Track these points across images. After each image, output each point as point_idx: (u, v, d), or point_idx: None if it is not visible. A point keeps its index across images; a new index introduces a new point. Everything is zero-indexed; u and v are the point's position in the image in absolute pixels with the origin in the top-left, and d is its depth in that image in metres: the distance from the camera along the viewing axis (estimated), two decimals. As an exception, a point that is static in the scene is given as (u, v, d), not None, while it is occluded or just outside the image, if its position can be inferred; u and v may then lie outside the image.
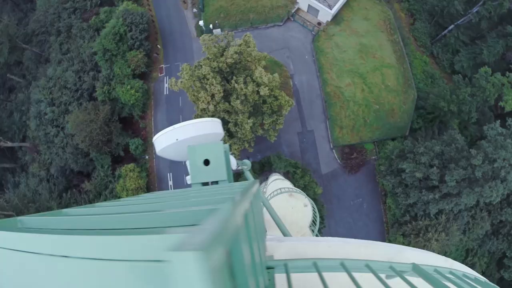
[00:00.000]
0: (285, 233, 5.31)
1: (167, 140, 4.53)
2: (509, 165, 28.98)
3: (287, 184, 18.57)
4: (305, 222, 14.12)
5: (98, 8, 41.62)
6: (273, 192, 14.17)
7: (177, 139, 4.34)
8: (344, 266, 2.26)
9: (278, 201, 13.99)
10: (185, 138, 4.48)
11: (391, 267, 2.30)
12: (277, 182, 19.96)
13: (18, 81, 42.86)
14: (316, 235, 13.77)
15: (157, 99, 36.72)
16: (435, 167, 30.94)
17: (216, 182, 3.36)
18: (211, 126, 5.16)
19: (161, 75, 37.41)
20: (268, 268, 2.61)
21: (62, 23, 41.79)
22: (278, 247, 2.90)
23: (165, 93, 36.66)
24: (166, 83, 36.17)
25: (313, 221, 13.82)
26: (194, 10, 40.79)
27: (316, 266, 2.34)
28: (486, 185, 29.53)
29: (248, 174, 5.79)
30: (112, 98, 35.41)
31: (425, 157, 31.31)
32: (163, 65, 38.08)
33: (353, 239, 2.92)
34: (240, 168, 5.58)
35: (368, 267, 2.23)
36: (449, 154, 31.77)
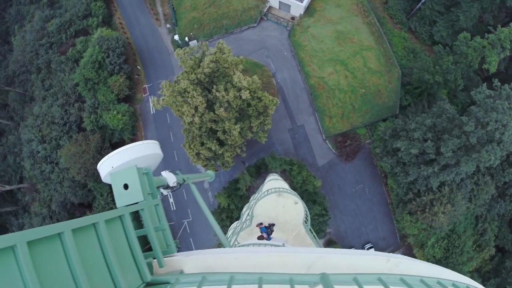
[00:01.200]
0: (224, 244, 5.41)
1: (106, 168, 4.67)
2: (502, 126, 28.68)
3: (281, 183, 18.56)
4: (298, 220, 14.10)
5: (73, 39, 41.86)
6: (261, 194, 14.18)
7: (112, 167, 4.47)
8: (233, 279, 2.29)
9: (267, 203, 13.98)
10: (122, 163, 4.60)
11: (291, 279, 2.31)
12: (271, 182, 19.98)
13: (7, 124, 43.08)
14: (310, 230, 13.77)
15: (145, 120, 36.84)
16: (429, 141, 30.82)
17: (137, 203, 3.54)
18: (146, 149, 5.30)
19: (145, 95, 37.54)
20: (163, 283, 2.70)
21: (41, 59, 42.06)
22: (186, 262, 2.93)
23: (152, 112, 36.78)
24: (151, 102, 36.32)
25: (305, 217, 13.83)
26: (168, 25, 40.96)
27: (204, 279, 2.38)
28: (483, 149, 29.26)
29: (193, 188, 5.85)
30: (101, 126, 35.54)
31: (418, 133, 31.22)
32: (145, 85, 38.23)
33: (266, 248, 2.93)
34: (180, 184, 5.66)
35: (261, 279, 2.23)
36: (441, 125, 31.68)
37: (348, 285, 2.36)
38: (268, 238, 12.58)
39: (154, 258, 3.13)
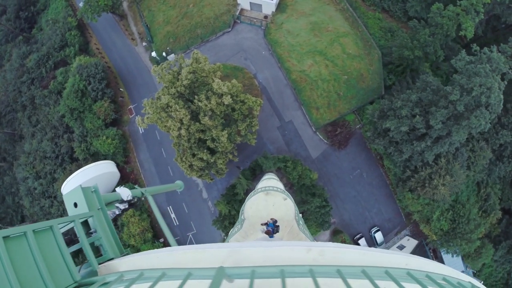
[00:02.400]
0: (172, 244, 5.70)
1: (64, 192, 5.19)
2: (487, 89, 28.59)
3: (272, 182, 18.65)
4: (290, 215, 14.17)
5: (53, 72, 41.98)
6: (250, 194, 14.25)
7: (65, 189, 5.09)
8: (142, 276, 2.45)
9: (257, 203, 14.05)
10: (80, 184, 4.96)
11: (189, 273, 2.38)
12: (263, 182, 20.09)
13: (0, 165, 43.12)
14: (301, 223, 13.83)
15: (135, 140, 36.92)
16: (417, 116, 30.89)
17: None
18: (99, 169, 5.95)
19: (132, 116, 37.62)
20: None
21: (24, 97, 42.16)
22: (120, 264, 3.28)
23: (141, 132, 36.86)
24: (136, 122, 36.46)
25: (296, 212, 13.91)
26: (144, 43, 41.10)
27: (141, 275, 2.62)
28: (472, 116, 29.21)
29: (151, 199, 6.10)
30: (93, 153, 35.61)
31: (405, 110, 31.31)
32: (131, 106, 38.31)
33: (186, 246, 3.02)
34: (139, 197, 5.94)
35: (164, 274, 2.33)
36: (427, 99, 31.73)
37: (272, 278, 2.33)
38: (271, 236, 12.63)
39: (104, 262, 3.66)
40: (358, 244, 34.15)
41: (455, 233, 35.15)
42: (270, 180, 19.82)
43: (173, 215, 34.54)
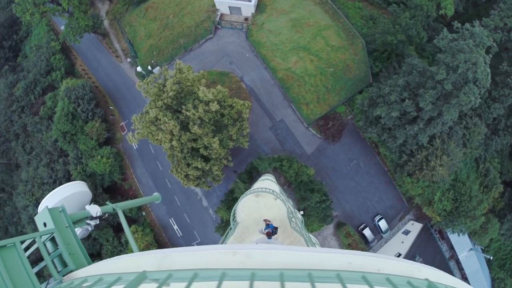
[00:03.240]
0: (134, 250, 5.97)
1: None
2: (473, 65, 28.52)
3: (266, 183, 18.68)
4: (282, 214, 14.20)
5: (42, 98, 42.05)
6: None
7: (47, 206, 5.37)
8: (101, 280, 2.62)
9: (249, 206, 14.08)
10: (54, 205, 5.50)
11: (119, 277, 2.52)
12: (257, 183, 20.12)
13: (0, 196, 43.18)
14: (294, 222, 13.83)
15: (130, 156, 36.97)
16: (407, 100, 30.91)
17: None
18: (69, 189, 6.48)
19: (124, 133, 37.66)
20: None
21: (16, 125, 42.23)
22: (81, 273, 3.70)
23: (135, 148, 36.89)
24: (127, 139, 36.59)
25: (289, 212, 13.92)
26: (129, 59, 41.19)
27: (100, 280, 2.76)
28: (461, 93, 29.13)
29: (121, 214, 6.30)
30: (89, 174, 35.64)
31: (394, 95, 31.35)
32: (122, 123, 38.37)
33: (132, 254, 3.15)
34: (110, 213, 6.19)
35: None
36: (415, 81, 31.73)
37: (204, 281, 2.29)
38: (269, 238, 12.65)
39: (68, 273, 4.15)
40: (363, 235, 34.11)
41: (459, 212, 35.12)
42: (263, 182, 19.85)
43: (175, 227, 34.55)
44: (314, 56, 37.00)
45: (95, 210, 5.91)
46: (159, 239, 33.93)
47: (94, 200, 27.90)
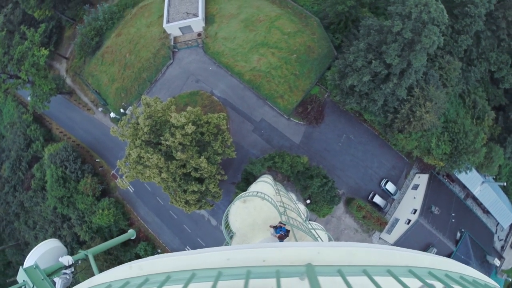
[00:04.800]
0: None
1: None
2: (424, 6, 28.45)
3: (257, 187, 18.75)
4: (273, 212, 14.22)
5: (30, 171, 42.19)
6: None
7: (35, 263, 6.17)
8: None
9: (239, 214, 14.11)
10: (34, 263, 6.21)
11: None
12: (251, 187, 20.27)
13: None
14: (286, 215, 13.88)
15: (130, 200, 37.02)
16: (373, 61, 31.12)
17: None
18: (43, 247, 7.19)
19: (117, 180, 37.70)
20: None
21: (13, 206, 42.28)
22: None
23: (131, 191, 36.95)
24: (118, 185, 36.86)
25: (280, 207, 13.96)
26: (100, 109, 41.37)
27: None
28: (422, 37, 29.22)
29: (91, 258, 6.76)
30: (96, 229, 35.67)
31: (360, 61, 31.55)
32: (113, 171, 38.39)
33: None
34: (79, 261, 6.70)
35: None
36: (375, 41, 31.92)
37: None
38: (281, 241, 12.68)
39: None
40: (375, 204, 34.06)
41: (459, 151, 35.15)
42: (256, 185, 19.84)
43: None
44: (274, 48, 37.23)
45: (66, 259, 6.51)
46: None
47: (108, 254, 28.18)
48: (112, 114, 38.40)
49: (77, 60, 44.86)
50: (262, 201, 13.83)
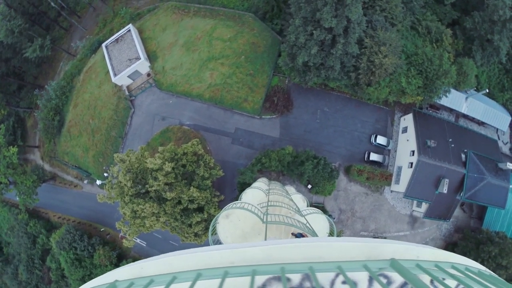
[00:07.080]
0: None
1: None
2: None
3: (247, 196, 18.72)
4: (255, 217, 14.23)
5: (45, 265, 42.14)
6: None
7: None
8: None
9: (227, 229, 14.13)
10: None
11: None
12: (241, 197, 20.30)
13: None
14: (268, 214, 13.85)
15: (145, 254, 36.89)
16: (314, 31, 31.33)
17: None
18: None
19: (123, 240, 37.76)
20: None
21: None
22: None
23: (144, 245, 36.78)
24: (125, 244, 36.92)
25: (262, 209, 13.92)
26: (85, 181, 41.40)
27: None
28: None
29: None
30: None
31: (301, 36, 31.77)
32: (121, 234, 38.20)
33: None
34: None
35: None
36: (308, 12, 32.10)
37: None
38: None
39: None
40: (373, 162, 33.88)
41: (431, 79, 35.10)
42: (245, 194, 19.79)
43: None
44: (221, 59, 37.43)
45: None
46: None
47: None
48: (98, 182, 38.42)
49: (48, 145, 44.99)
50: (244, 211, 13.80)
